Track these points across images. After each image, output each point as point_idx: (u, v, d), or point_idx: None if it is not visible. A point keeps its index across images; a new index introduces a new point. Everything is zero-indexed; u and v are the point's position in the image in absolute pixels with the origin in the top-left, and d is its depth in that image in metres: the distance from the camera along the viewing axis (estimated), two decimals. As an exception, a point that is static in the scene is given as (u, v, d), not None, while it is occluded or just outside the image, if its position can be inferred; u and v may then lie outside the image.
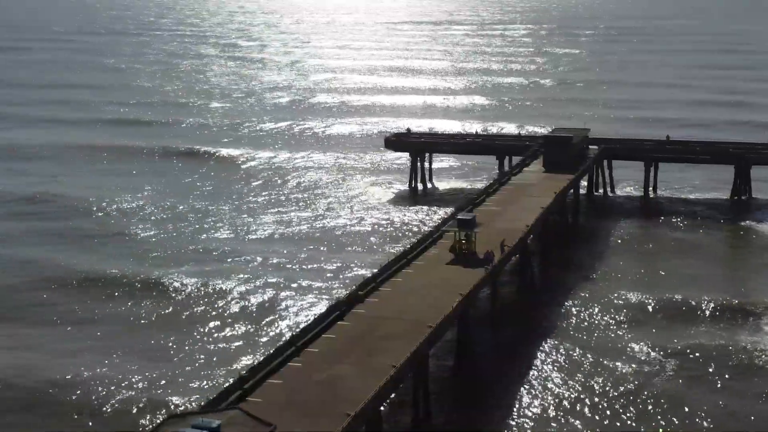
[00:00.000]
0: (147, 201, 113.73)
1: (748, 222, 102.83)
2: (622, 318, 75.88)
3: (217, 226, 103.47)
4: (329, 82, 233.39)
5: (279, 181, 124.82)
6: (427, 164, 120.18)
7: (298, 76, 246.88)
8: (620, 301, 78.93)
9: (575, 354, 69.14)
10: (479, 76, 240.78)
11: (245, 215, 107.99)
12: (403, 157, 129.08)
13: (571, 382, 64.73)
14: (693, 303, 78.01)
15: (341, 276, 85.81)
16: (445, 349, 67.68)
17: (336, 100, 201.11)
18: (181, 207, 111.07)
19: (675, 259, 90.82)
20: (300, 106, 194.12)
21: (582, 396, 62.79)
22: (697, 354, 68.67)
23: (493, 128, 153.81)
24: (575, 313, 77.11)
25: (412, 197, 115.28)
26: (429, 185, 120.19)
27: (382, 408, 53.66)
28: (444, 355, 67.69)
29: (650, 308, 77.71)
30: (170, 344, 72.03)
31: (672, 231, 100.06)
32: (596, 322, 75.35)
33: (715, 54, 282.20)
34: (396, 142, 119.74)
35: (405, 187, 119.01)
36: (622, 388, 63.76)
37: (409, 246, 77.64)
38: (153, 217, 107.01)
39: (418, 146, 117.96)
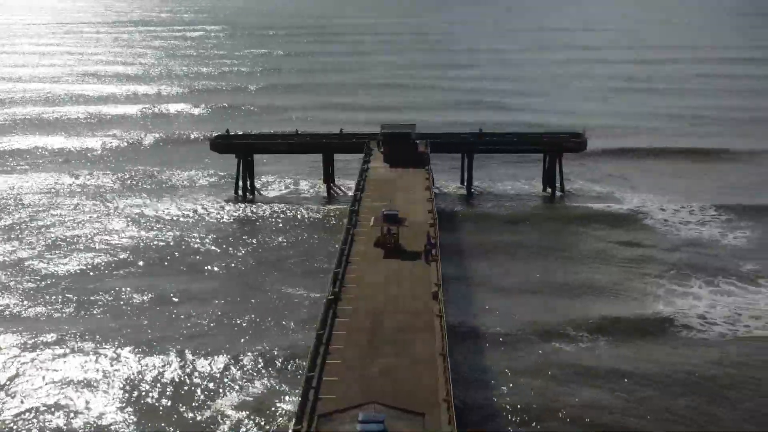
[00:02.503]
0: None
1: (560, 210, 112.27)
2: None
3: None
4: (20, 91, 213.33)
5: (68, 206, 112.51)
6: (256, 166, 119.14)
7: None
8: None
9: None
10: (194, 79, 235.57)
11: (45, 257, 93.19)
12: (208, 164, 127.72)
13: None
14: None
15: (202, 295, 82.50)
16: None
17: (42, 110, 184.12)
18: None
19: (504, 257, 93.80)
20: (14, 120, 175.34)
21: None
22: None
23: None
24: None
25: (243, 202, 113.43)
26: (256, 187, 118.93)
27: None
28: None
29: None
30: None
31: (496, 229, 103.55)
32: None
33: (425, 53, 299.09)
34: (222, 144, 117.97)
35: (231, 192, 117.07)
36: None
37: (338, 242, 79.36)
38: None
39: (245, 147, 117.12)
